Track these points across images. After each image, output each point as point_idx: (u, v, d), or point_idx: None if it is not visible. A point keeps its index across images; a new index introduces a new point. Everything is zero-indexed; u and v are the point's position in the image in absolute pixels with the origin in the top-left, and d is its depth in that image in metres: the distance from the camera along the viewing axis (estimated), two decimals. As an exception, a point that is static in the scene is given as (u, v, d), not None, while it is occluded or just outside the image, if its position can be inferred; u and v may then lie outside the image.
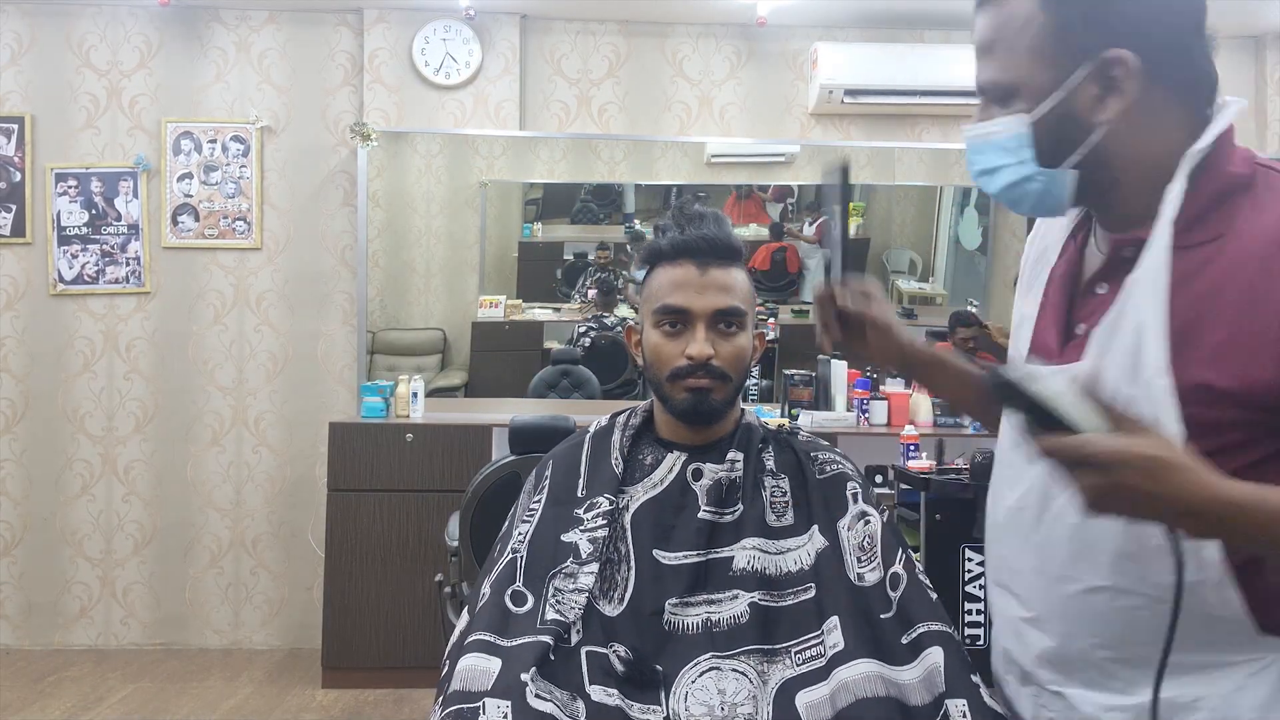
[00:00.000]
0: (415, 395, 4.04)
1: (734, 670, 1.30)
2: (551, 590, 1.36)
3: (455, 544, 3.03)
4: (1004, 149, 1.07)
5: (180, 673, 4.04)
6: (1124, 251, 1.07)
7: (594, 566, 1.37)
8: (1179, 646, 0.96)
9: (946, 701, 1.25)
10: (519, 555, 1.41)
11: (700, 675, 1.29)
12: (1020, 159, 1.06)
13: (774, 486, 1.45)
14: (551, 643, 1.30)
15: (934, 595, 1.40)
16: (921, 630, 1.31)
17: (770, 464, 1.47)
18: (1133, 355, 1.01)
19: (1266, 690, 1.02)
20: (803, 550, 1.39)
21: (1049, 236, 1.21)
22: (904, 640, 1.31)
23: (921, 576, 1.41)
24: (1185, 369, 0.99)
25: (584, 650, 1.32)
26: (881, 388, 4.16)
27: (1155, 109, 1.04)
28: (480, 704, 1.23)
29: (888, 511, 1.48)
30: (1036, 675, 1.14)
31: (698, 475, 1.43)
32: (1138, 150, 1.05)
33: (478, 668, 1.28)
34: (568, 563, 1.38)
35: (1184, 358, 0.99)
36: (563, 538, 1.41)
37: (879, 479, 3.62)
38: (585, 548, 1.39)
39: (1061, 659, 1.11)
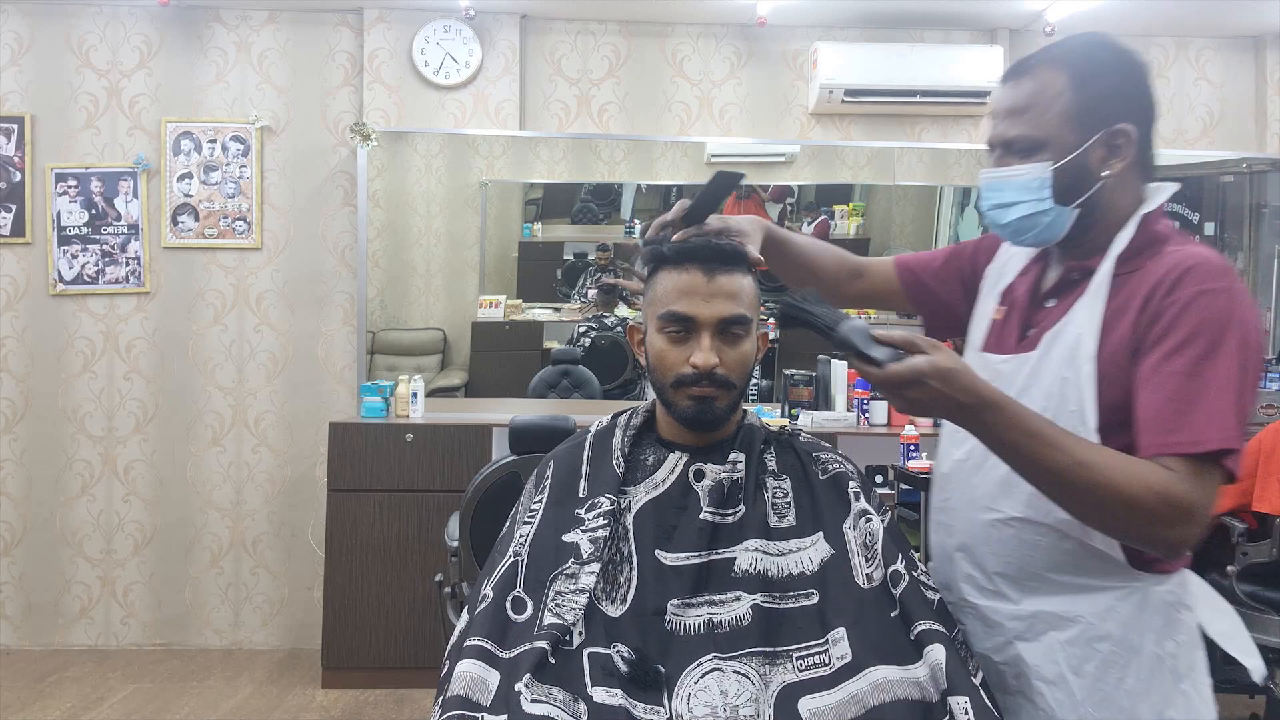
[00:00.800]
0: (415, 395, 4.04)
1: (736, 672, 1.30)
2: (552, 594, 1.36)
3: (455, 544, 3.03)
4: (1025, 188, 1.37)
5: (180, 673, 4.04)
6: (1073, 275, 1.42)
7: (595, 566, 1.37)
8: (1066, 570, 1.36)
9: (949, 699, 1.25)
10: (520, 558, 1.41)
11: (703, 676, 1.29)
12: (1040, 197, 1.37)
13: (775, 487, 1.44)
14: (548, 648, 1.30)
15: (936, 596, 1.41)
16: (922, 628, 1.32)
17: (772, 465, 1.47)
18: (1073, 348, 1.35)
19: (1129, 610, 1.35)
20: (805, 554, 1.39)
21: (1009, 261, 1.55)
22: (910, 637, 1.31)
23: (923, 577, 1.41)
24: (1101, 354, 1.34)
25: (586, 652, 1.31)
26: (881, 388, 4.15)
27: (1131, 174, 1.40)
28: (480, 717, 1.25)
29: (889, 513, 1.48)
30: (958, 589, 1.46)
31: (700, 476, 1.43)
32: (1113, 201, 1.39)
33: (479, 678, 1.29)
34: (569, 563, 1.38)
35: (1101, 345, 1.34)
36: (564, 538, 1.41)
37: (879, 479, 3.62)
38: (586, 548, 1.39)
39: (978, 577, 1.44)
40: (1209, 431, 1.24)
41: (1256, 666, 1.46)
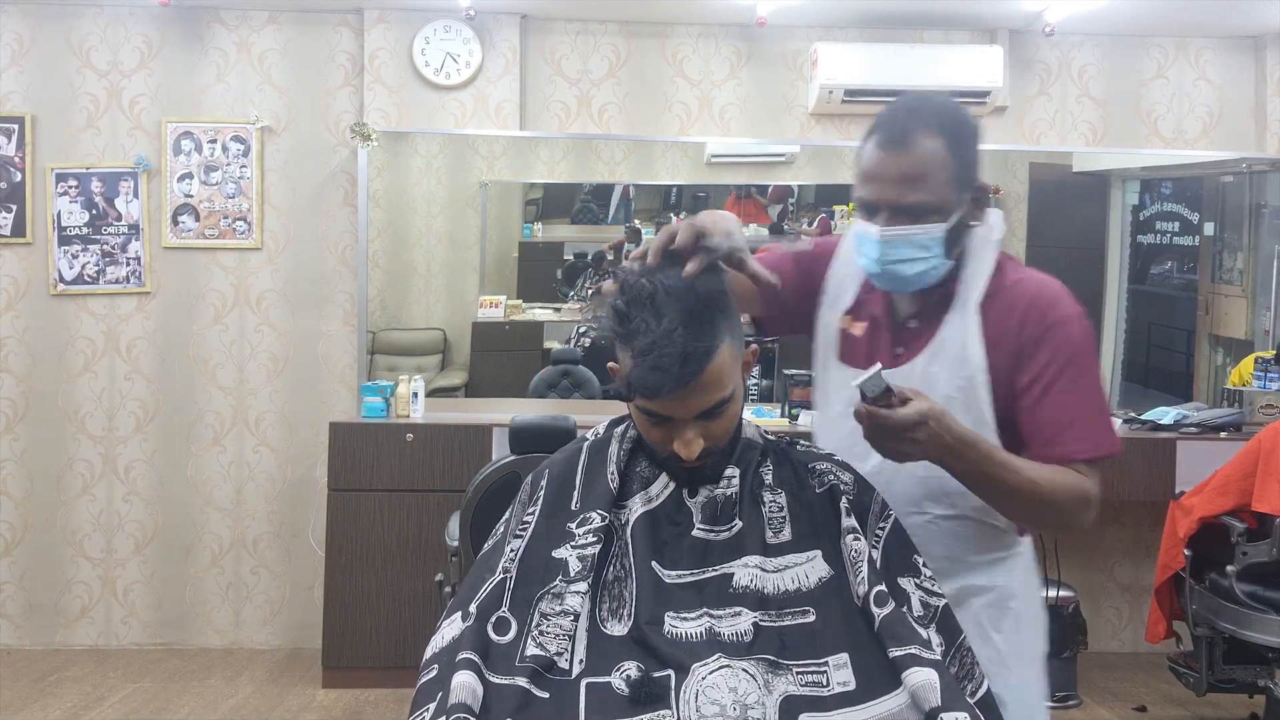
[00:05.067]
0: (415, 395, 4.04)
1: (744, 670, 1.27)
2: (536, 617, 1.33)
3: (455, 544, 3.04)
4: (922, 247, 1.52)
5: (181, 672, 4.04)
6: (932, 299, 1.59)
7: (581, 586, 1.34)
8: (982, 550, 1.58)
9: (942, 715, 1.24)
10: (509, 575, 1.38)
11: (710, 674, 1.27)
12: (934, 254, 1.53)
13: (771, 502, 1.42)
14: (529, 686, 1.27)
15: (940, 601, 1.39)
16: (901, 652, 1.29)
17: (768, 479, 1.44)
18: (958, 361, 1.54)
19: (1022, 569, 1.64)
20: (800, 570, 1.37)
21: (847, 276, 1.69)
22: (889, 657, 1.29)
23: (927, 583, 1.40)
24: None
25: (584, 682, 1.28)
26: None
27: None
28: None
29: (891, 516, 1.46)
30: None
31: (693, 493, 1.41)
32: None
33: (479, 693, 1.27)
34: (556, 581, 1.35)
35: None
36: (553, 554, 1.38)
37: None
38: (574, 565, 1.36)
39: None
40: (1102, 440, 1.53)
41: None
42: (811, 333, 1.75)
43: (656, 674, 1.28)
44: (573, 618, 1.32)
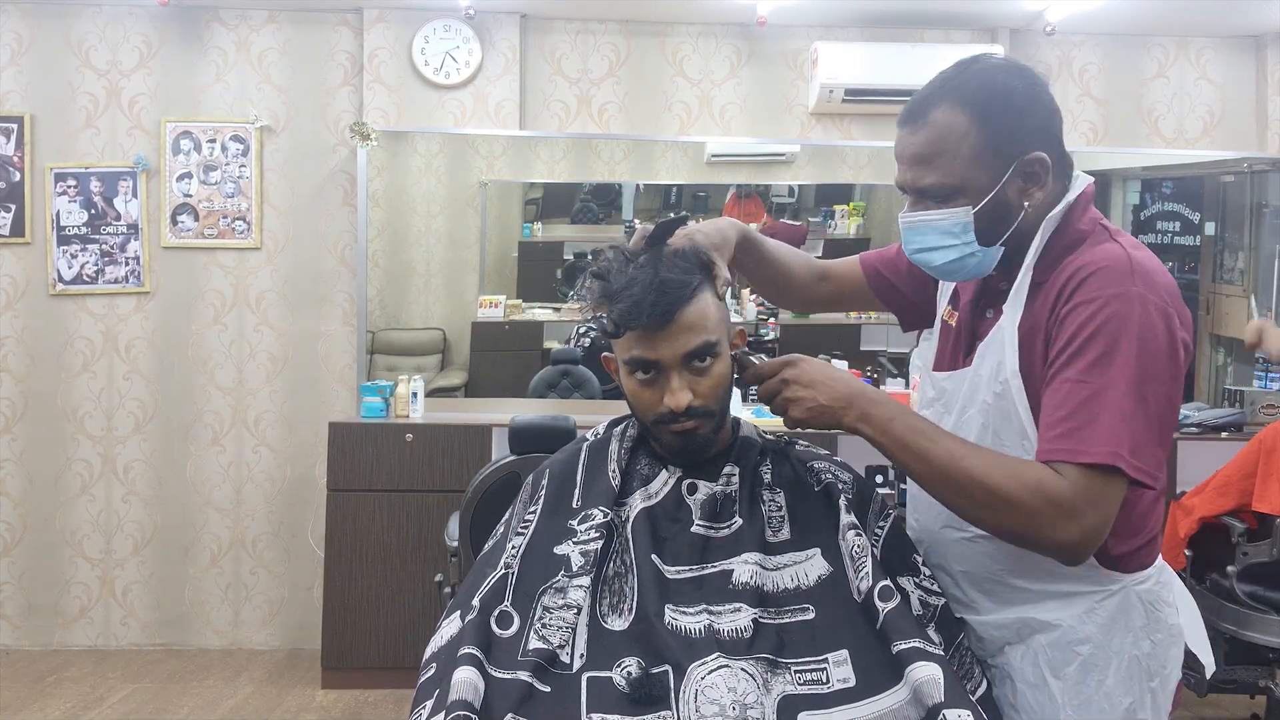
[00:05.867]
0: (415, 395, 4.03)
1: (743, 669, 1.27)
2: (539, 610, 1.33)
3: (455, 544, 3.03)
4: (947, 233, 1.36)
5: (180, 673, 4.04)
6: (1001, 284, 1.41)
7: (584, 580, 1.34)
8: (1037, 578, 1.38)
9: (945, 711, 1.23)
10: (510, 570, 1.38)
11: (709, 674, 1.26)
12: (964, 241, 1.36)
13: (770, 501, 1.43)
14: (531, 680, 1.27)
15: (940, 601, 1.39)
16: (905, 646, 1.29)
17: (768, 477, 1.45)
18: (999, 361, 1.35)
19: (1108, 612, 1.37)
20: (800, 568, 1.37)
21: None
22: (893, 651, 1.29)
23: (925, 582, 1.40)
24: (1025, 366, 1.34)
25: (585, 676, 1.28)
26: (881, 386, 4.16)
27: (1051, 190, 1.38)
28: None
29: (891, 516, 1.46)
30: None
31: (693, 490, 1.42)
32: (1036, 218, 1.37)
33: (480, 689, 1.27)
34: (559, 576, 1.36)
35: (1023, 358, 1.34)
36: (555, 550, 1.38)
37: (879, 479, 3.62)
38: (577, 560, 1.36)
39: (953, 591, 1.46)
40: (1095, 443, 1.23)
41: (1209, 663, 1.47)
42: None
43: (655, 670, 1.27)
44: (575, 610, 1.33)
